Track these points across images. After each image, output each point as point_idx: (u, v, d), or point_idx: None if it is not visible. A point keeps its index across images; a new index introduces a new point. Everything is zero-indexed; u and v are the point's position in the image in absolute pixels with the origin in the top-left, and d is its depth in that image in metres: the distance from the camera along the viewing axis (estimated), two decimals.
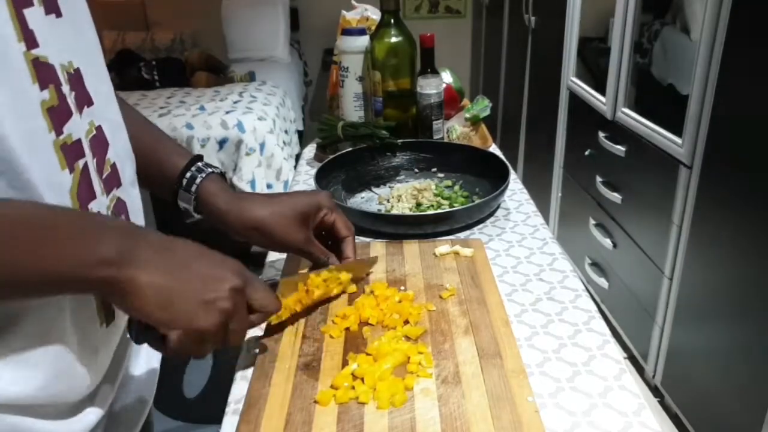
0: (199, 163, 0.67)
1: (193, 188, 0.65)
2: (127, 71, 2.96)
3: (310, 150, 1.29)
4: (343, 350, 0.63)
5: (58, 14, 0.47)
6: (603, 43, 2.03)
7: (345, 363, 0.61)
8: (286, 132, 2.74)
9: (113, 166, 0.53)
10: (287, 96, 2.99)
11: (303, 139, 3.23)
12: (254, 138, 2.39)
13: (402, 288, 0.73)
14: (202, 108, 2.49)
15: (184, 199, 0.66)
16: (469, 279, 0.75)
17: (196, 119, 2.41)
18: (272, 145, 2.45)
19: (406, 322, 0.66)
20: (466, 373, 0.58)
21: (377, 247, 0.83)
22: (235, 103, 2.57)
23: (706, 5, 1.35)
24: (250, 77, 3.00)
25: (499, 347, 0.62)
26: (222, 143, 2.38)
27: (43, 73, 0.44)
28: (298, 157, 2.73)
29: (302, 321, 0.68)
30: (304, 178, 1.17)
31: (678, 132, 1.51)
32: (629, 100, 1.81)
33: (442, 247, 0.81)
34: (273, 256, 0.86)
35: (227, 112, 2.44)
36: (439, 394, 0.56)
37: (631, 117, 1.75)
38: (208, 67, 3.05)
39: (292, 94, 3.12)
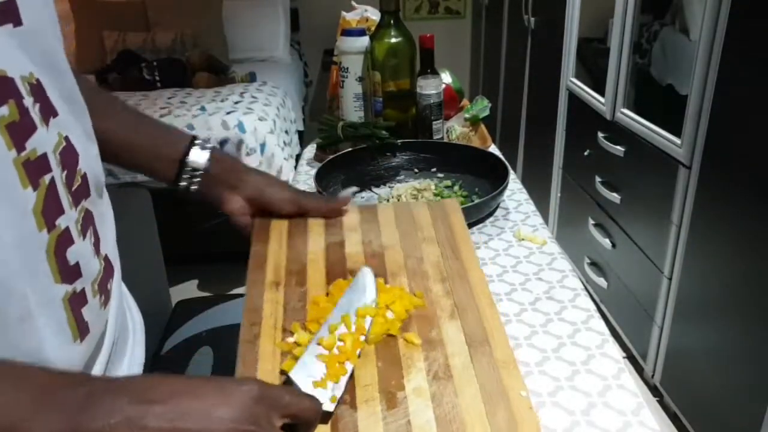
0: (189, 163, 0.71)
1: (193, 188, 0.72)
2: (128, 72, 2.96)
3: (311, 150, 1.30)
4: None
5: (17, 23, 0.44)
6: (602, 43, 2.04)
7: None
8: (286, 132, 2.74)
9: (84, 176, 0.52)
10: (288, 96, 2.99)
11: (303, 139, 3.23)
12: (255, 138, 2.39)
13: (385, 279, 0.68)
14: (202, 108, 2.50)
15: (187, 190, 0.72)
16: (450, 251, 0.71)
17: (197, 120, 2.41)
18: (273, 145, 2.45)
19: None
20: (457, 365, 0.56)
21: (351, 214, 0.78)
22: (236, 103, 2.58)
23: (706, 6, 1.35)
24: (251, 78, 3.00)
25: (487, 333, 0.59)
26: (223, 143, 2.38)
27: (0, 88, 0.42)
28: (298, 158, 2.74)
29: (281, 313, 0.63)
30: (304, 178, 1.17)
31: (677, 132, 1.51)
32: (628, 101, 1.81)
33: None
34: None
35: (228, 113, 2.44)
36: (432, 393, 0.54)
37: (630, 117, 1.76)
38: (208, 68, 3.05)
39: (292, 94, 3.12)
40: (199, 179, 0.71)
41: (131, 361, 0.63)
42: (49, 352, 0.45)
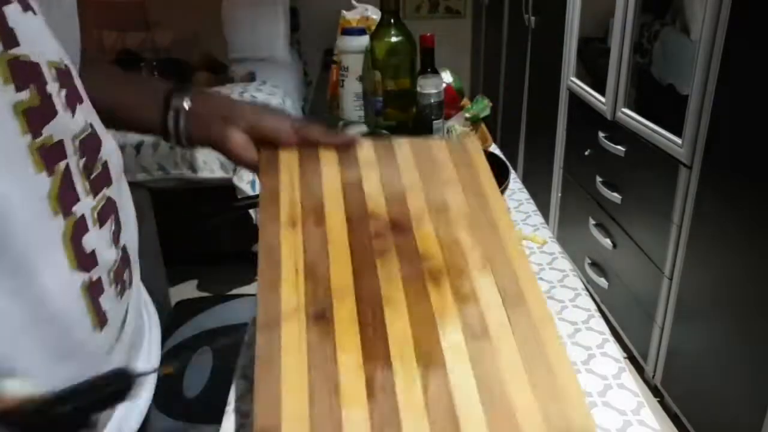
0: (172, 103, 0.65)
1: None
2: (128, 72, 2.97)
3: None
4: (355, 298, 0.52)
5: (34, 12, 0.45)
6: (603, 43, 2.03)
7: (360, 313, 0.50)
8: None
9: (105, 164, 0.52)
10: (287, 96, 2.99)
11: None
12: None
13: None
14: None
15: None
16: (474, 197, 0.63)
17: None
18: None
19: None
20: (493, 323, 0.50)
21: (366, 149, 0.70)
22: None
23: (706, 5, 1.35)
24: (251, 77, 3.00)
25: (522, 288, 0.53)
26: None
27: (22, 72, 0.42)
28: None
29: (301, 256, 0.56)
30: None
31: (678, 132, 1.51)
32: (629, 100, 1.81)
33: None
34: None
35: None
36: (470, 354, 0.48)
37: (630, 117, 1.76)
38: (208, 68, 3.05)
39: (292, 94, 3.12)
40: (184, 118, 0.65)
41: (149, 354, 0.64)
42: (75, 338, 0.47)
